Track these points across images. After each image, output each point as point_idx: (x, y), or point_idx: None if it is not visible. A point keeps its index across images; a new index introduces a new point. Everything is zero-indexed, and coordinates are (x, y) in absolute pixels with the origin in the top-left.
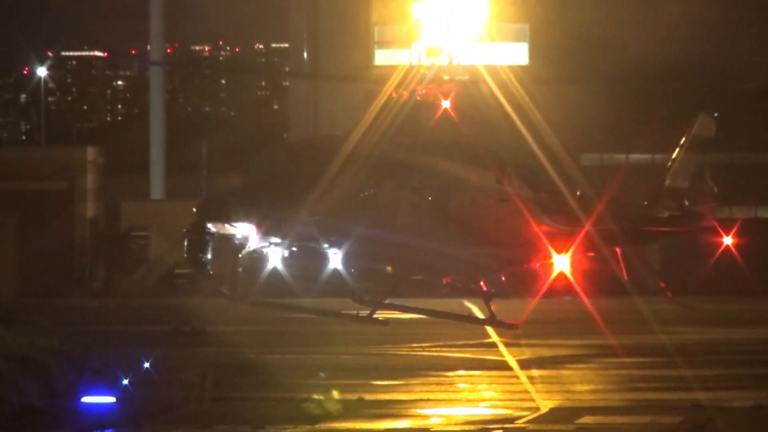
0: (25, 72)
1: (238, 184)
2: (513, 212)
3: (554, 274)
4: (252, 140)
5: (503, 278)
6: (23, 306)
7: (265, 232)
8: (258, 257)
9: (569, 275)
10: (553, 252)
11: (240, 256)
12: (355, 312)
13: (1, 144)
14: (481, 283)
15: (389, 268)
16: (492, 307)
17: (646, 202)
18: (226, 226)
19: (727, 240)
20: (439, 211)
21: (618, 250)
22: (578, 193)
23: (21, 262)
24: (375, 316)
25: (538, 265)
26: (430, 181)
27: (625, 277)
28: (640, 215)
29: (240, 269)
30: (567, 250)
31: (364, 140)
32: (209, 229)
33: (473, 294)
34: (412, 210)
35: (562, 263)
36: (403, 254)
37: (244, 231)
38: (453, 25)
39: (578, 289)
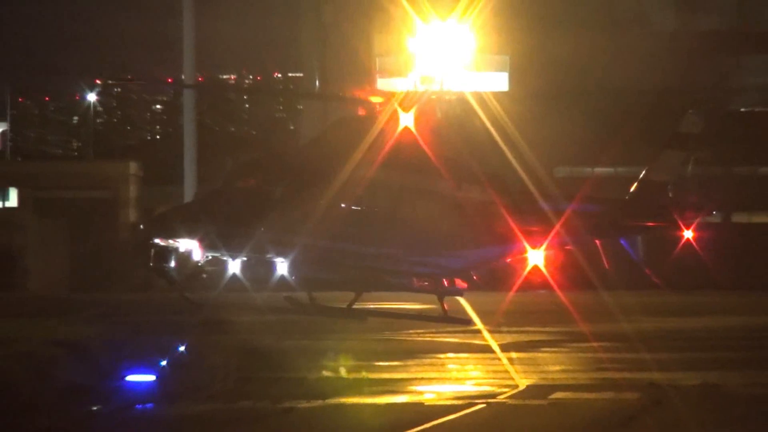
0: (76, 97)
1: (188, 200)
2: (470, 216)
3: (528, 268)
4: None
5: (473, 276)
6: (74, 299)
7: (208, 247)
8: (219, 263)
9: (543, 269)
10: (527, 247)
11: (200, 264)
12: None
13: (56, 159)
14: (435, 282)
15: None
16: (445, 305)
17: (627, 197)
18: (170, 241)
19: (688, 234)
20: (393, 218)
21: (598, 242)
22: (555, 194)
23: (72, 260)
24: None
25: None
26: (383, 192)
27: (606, 266)
28: (618, 210)
29: (204, 275)
30: (540, 246)
31: (316, 157)
32: (158, 243)
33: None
34: (366, 219)
35: (536, 258)
36: (359, 261)
37: (188, 246)
38: (443, 57)
39: (552, 282)
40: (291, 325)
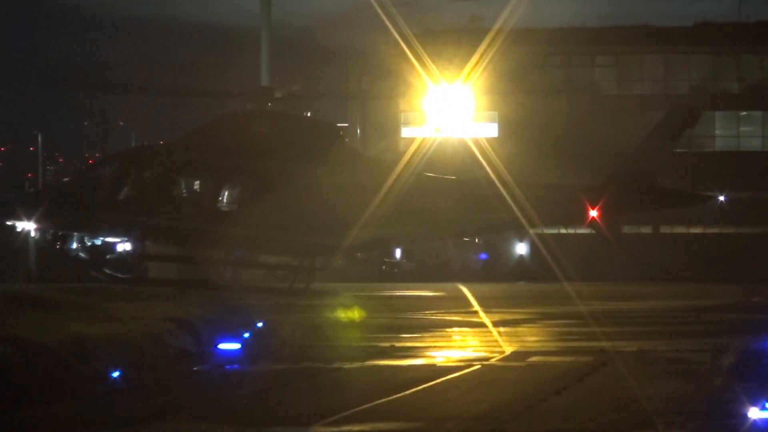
0: None
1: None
2: (356, 201)
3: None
4: None
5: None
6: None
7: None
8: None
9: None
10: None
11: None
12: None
13: None
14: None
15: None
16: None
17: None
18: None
19: (593, 213)
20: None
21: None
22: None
23: None
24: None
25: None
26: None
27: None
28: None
29: (108, 256)
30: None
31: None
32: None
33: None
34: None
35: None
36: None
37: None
38: (449, 112)
39: None
40: (335, 307)
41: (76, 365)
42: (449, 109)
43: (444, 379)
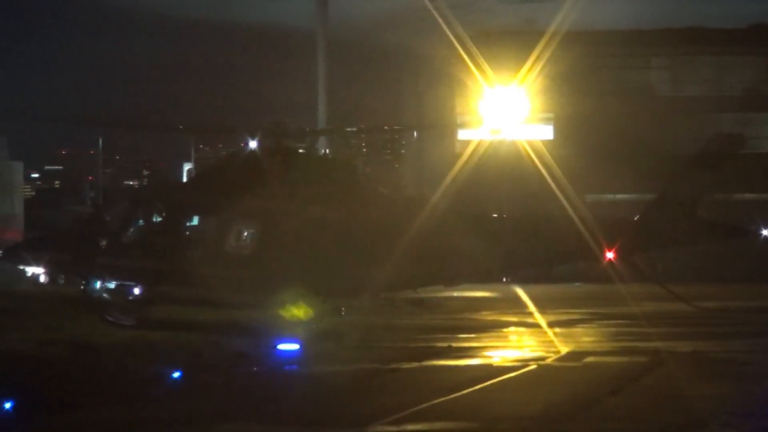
0: (242, 144)
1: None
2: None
3: None
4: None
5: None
6: None
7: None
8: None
9: None
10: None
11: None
12: None
13: None
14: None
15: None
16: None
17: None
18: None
19: (609, 255)
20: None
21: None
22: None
23: None
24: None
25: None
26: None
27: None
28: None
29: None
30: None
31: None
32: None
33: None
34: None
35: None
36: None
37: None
38: (504, 114)
39: None
40: (392, 309)
41: (133, 367)
42: (505, 111)
43: (500, 379)
